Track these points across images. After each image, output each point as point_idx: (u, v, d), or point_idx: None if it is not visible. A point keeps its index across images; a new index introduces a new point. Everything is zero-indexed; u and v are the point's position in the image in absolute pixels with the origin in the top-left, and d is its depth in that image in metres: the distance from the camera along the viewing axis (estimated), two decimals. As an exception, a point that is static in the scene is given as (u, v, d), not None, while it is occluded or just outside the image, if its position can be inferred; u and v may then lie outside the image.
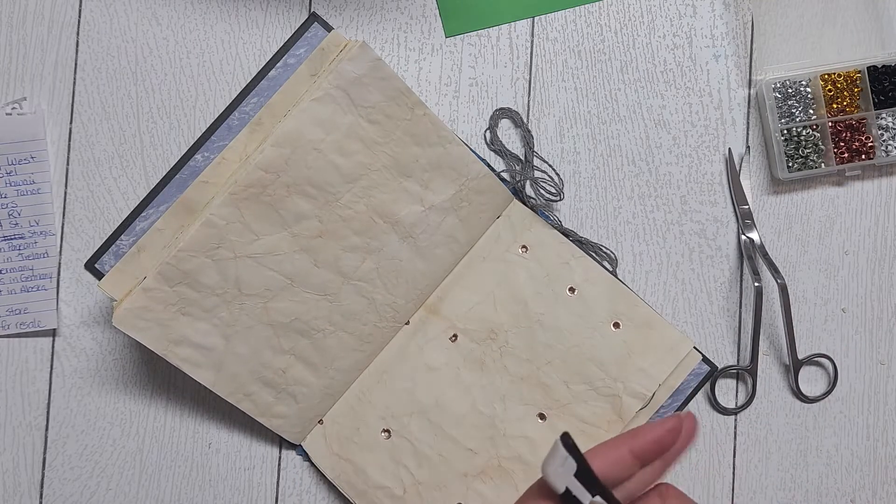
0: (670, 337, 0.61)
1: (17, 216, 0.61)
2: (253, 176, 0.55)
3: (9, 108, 0.61)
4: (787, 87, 0.62)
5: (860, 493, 0.63)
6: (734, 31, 0.64)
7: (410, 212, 0.59)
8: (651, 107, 0.63)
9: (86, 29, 0.62)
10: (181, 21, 0.62)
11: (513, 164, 0.63)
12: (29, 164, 0.61)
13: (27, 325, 0.61)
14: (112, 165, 0.62)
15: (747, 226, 0.63)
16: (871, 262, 0.64)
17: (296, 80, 0.59)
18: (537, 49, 0.63)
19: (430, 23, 0.63)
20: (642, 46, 0.64)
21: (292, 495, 0.62)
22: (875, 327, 0.63)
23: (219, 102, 0.62)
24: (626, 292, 0.61)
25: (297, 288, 0.58)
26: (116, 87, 0.62)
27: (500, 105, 0.63)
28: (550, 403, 0.60)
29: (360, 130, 0.57)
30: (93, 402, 0.61)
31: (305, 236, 0.57)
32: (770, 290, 0.62)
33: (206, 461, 0.61)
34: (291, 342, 0.58)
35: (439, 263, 0.61)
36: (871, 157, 0.62)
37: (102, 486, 0.61)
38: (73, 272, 0.61)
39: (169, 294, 0.55)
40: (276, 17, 0.63)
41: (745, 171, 0.63)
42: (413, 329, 0.62)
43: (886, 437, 0.63)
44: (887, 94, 0.62)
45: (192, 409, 0.62)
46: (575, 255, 0.62)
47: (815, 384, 0.63)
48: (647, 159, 0.63)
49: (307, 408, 0.60)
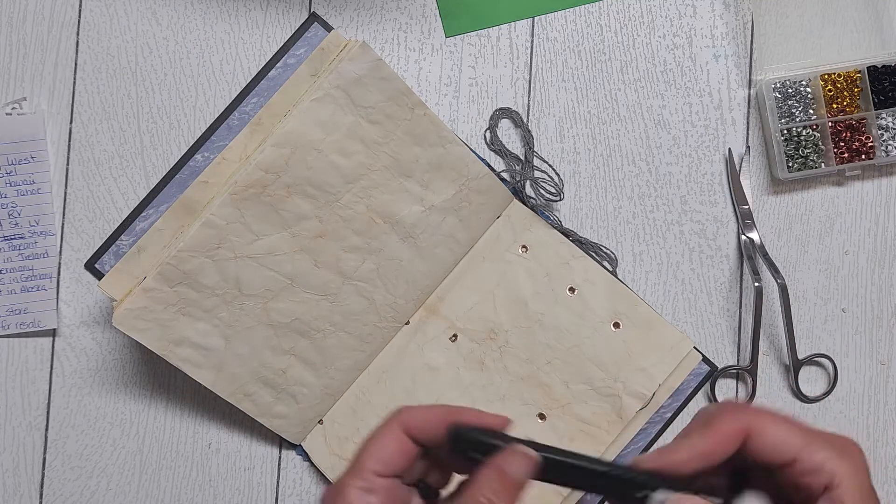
0: (670, 337, 0.61)
1: (17, 216, 0.61)
2: (253, 176, 0.55)
3: (9, 108, 0.61)
4: (787, 87, 0.62)
5: (860, 493, 0.63)
6: (734, 31, 0.64)
7: (411, 212, 0.59)
8: (651, 107, 0.63)
9: (86, 29, 0.62)
10: (181, 21, 0.62)
11: (513, 164, 0.63)
12: (29, 164, 0.61)
13: (27, 325, 0.61)
14: (112, 165, 0.62)
15: (747, 226, 0.63)
16: (871, 262, 0.64)
17: (296, 80, 0.59)
18: (537, 49, 0.63)
19: (430, 23, 0.63)
20: (642, 46, 0.64)
21: (292, 495, 0.62)
22: (875, 327, 0.63)
23: (219, 102, 0.62)
24: (626, 292, 0.61)
25: (297, 288, 0.58)
26: (116, 87, 0.62)
27: (500, 105, 0.63)
28: (550, 403, 0.60)
29: (360, 130, 0.57)
30: (93, 402, 0.61)
31: (306, 236, 0.57)
32: (770, 290, 0.62)
33: (206, 461, 0.61)
34: (291, 342, 0.58)
35: (439, 263, 0.61)
36: (871, 157, 0.62)
37: (102, 486, 0.61)
38: (73, 272, 0.61)
39: (169, 294, 0.54)
40: (276, 17, 0.63)
41: (745, 171, 0.63)
42: (413, 329, 0.62)
43: (886, 437, 0.63)
44: (887, 94, 0.62)
45: (192, 409, 0.62)
46: (575, 255, 0.62)
47: (815, 384, 0.63)
48: (647, 159, 0.63)
49: (307, 408, 0.60)
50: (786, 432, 0.44)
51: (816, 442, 0.44)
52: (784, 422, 0.45)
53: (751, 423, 0.45)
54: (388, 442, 0.43)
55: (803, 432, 0.44)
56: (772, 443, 0.45)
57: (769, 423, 0.45)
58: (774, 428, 0.45)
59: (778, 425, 0.45)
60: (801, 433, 0.44)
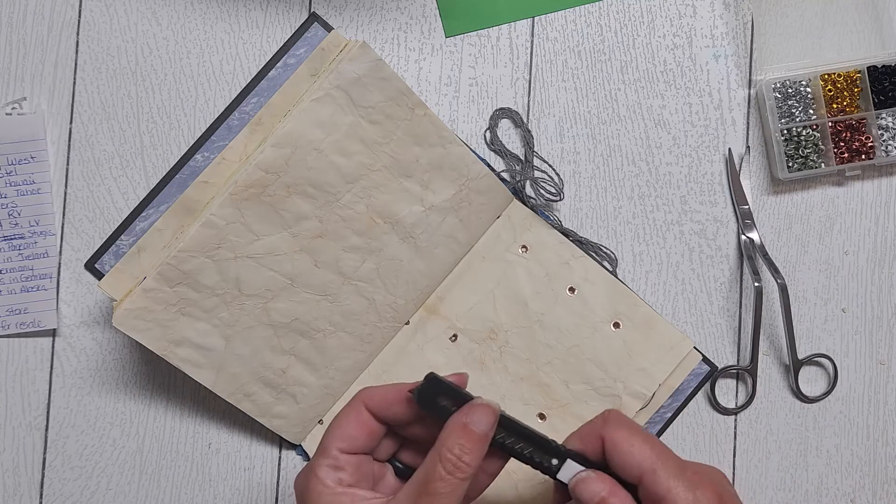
0: (670, 337, 0.61)
1: (17, 216, 0.61)
2: (253, 176, 0.55)
3: (9, 108, 0.61)
4: (787, 87, 0.62)
5: (860, 493, 0.63)
6: (734, 31, 0.64)
7: (411, 212, 0.59)
8: (651, 107, 0.63)
9: (86, 29, 0.62)
10: (181, 21, 0.62)
11: (513, 164, 0.63)
12: (29, 164, 0.61)
13: (27, 325, 0.61)
14: (112, 165, 0.62)
15: (747, 226, 0.63)
16: (871, 262, 0.64)
17: (296, 80, 0.59)
18: (537, 49, 0.63)
19: (430, 23, 0.63)
20: (642, 46, 0.64)
21: (292, 495, 0.62)
22: (875, 327, 0.63)
23: (219, 102, 0.62)
24: (626, 292, 0.61)
25: (297, 288, 0.58)
26: (116, 87, 0.62)
27: (500, 105, 0.63)
28: (550, 403, 0.60)
29: (360, 131, 0.57)
30: (93, 402, 0.61)
31: (306, 237, 0.57)
32: (770, 290, 0.62)
33: (206, 461, 0.61)
34: (291, 342, 0.58)
35: (439, 263, 0.61)
36: (871, 157, 0.62)
37: (102, 486, 0.61)
38: (73, 272, 0.61)
39: (169, 294, 0.54)
40: (276, 17, 0.63)
41: (745, 171, 0.63)
42: (413, 329, 0.62)
43: (886, 437, 0.63)
44: (887, 94, 0.62)
45: (192, 409, 0.62)
46: (575, 254, 0.62)
47: (815, 384, 0.63)
48: (647, 159, 0.63)
49: (307, 408, 0.60)
50: (637, 452, 0.44)
51: (667, 469, 0.44)
52: (640, 442, 0.45)
53: (606, 433, 0.45)
54: (350, 420, 0.46)
55: (656, 457, 0.44)
56: (621, 458, 0.45)
57: (623, 439, 0.45)
58: (627, 445, 0.45)
59: (632, 444, 0.45)
60: (652, 457, 0.44)
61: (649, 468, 0.44)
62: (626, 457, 0.44)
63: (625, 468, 0.44)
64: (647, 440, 0.45)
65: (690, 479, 0.44)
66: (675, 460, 0.45)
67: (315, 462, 0.45)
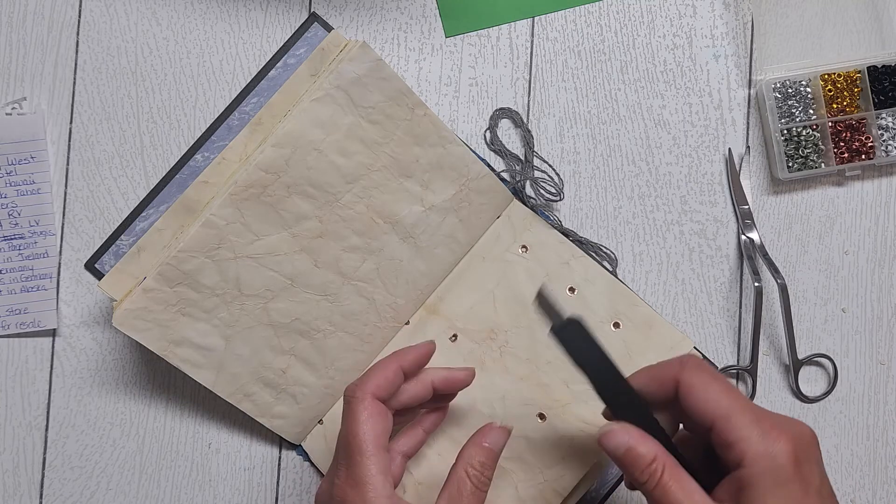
0: (670, 337, 0.61)
1: (17, 216, 0.61)
2: (253, 176, 0.55)
3: (9, 108, 0.61)
4: (787, 87, 0.62)
5: (860, 493, 0.63)
6: (734, 31, 0.64)
7: (411, 212, 0.59)
8: (651, 107, 0.63)
9: (86, 29, 0.62)
10: (181, 21, 0.62)
11: (513, 164, 0.63)
12: (29, 164, 0.61)
13: (27, 325, 0.61)
14: (112, 165, 0.62)
15: (747, 226, 0.63)
16: (871, 262, 0.64)
17: (296, 80, 0.59)
18: (537, 49, 0.63)
19: (430, 23, 0.63)
20: (642, 46, 0.64)
21: (292, 495, 0.62)
22: (875, 327, 0.63)
23: (219, 102, 0.62)
24: (626, 292, 0.61)
25: (297, 288, 0.58)
26: (116, 87, 0.62)
27: (500, 105, 0.63)
28: (550, 403, 0.60)
29: (360, 131, 0.57)
30: (93, 402, 0.61)
31: (306, 237, 0.57)
32: (770, 290, 0.63)
33: (206, 461, 0.61)
34: (292, 342, 0.58)
35: (439, 263, 0.61)
36: (871, 157, 0.62)
37: (102, 486, 0.61)
38: (73, 272, 0.61)
39: (169, 294, 0.55)
40: (276, 17, 0.63)
41: (745, 171, 0.63)
42: (413, 329, 0.62)
43: (886, 437, 0.63)
44: (887, 94, 0.62)
45: (192, 409, 0.62)
46: (575, 255, 0.62)
47: (815, 384, 0.63)
48: (647, 159, 0.63)
49: (307, 408, 0.60)
50: (713, 398, 0.43)
51: (742, 416, 0.42)
52: (718, 389, 0.44)
53: (683, 376, 0.45)
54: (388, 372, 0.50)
55: (732, 403, 0.43)
56: (695, 403, 0.44)
57: (700, 384, 0.44)
58: (703, 390, 0.44)
59: (708, 389, 0.44)
60: (728, 403, 0.43)
61: (723, 414, 0.42)
62: (701, 402, 0.43)
63: (698, 412, 0.43)
64: (726, 387, 0.44)
65: (765, 429, 0.42)
66: (753, 409, 0.43)
67: (360, 470, 0.47)
